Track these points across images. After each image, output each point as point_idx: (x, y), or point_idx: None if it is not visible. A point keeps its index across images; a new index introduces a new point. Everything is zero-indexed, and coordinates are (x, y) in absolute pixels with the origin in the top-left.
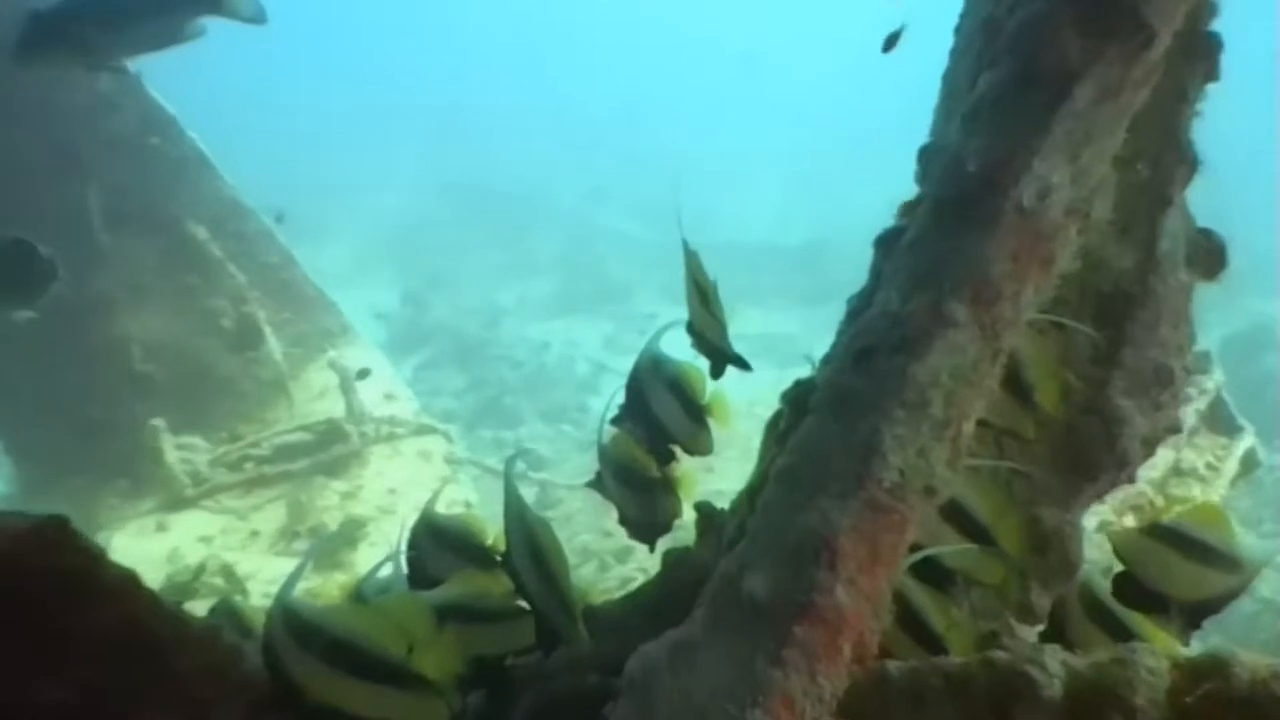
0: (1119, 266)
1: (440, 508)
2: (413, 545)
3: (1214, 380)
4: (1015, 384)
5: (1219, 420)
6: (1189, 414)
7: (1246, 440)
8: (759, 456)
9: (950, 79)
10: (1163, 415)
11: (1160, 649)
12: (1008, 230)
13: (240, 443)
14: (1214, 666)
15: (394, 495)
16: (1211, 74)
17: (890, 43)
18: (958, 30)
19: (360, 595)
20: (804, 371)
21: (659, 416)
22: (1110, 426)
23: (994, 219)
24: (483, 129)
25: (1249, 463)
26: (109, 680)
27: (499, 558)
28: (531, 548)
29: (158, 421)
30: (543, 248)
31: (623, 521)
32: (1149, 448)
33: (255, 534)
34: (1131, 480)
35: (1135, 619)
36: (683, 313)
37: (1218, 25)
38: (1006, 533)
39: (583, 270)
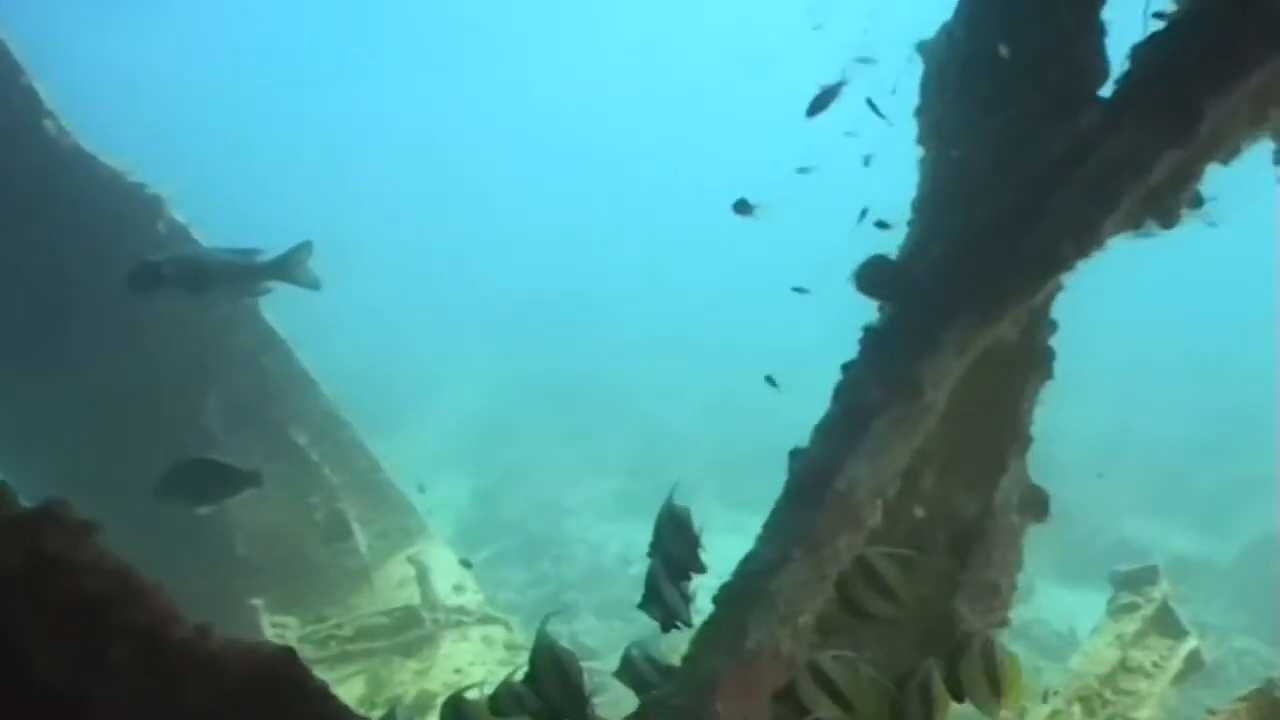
0: (966, 513)
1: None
2: None
3: (1160, 590)
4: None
5: (1167, 625)
6: (1137, 618)
7: (1190, 643)
8: None
9: None
10: (994, 616)
11: None
12: (828, 505)
13: (327, 623)
14: None
15: (460, 675)
16: (1048, 376)
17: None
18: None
19: None
20: None
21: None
22: (954, 622)
23: (820, 499)
24: (565, 324)
25: (1193, 662)
26: None
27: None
28: (557, 664)
29: (257, 601)
30: (611, 448)
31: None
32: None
33: None
34: None
35: None
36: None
37: None
38: (865, 697)
39: (646, 474)
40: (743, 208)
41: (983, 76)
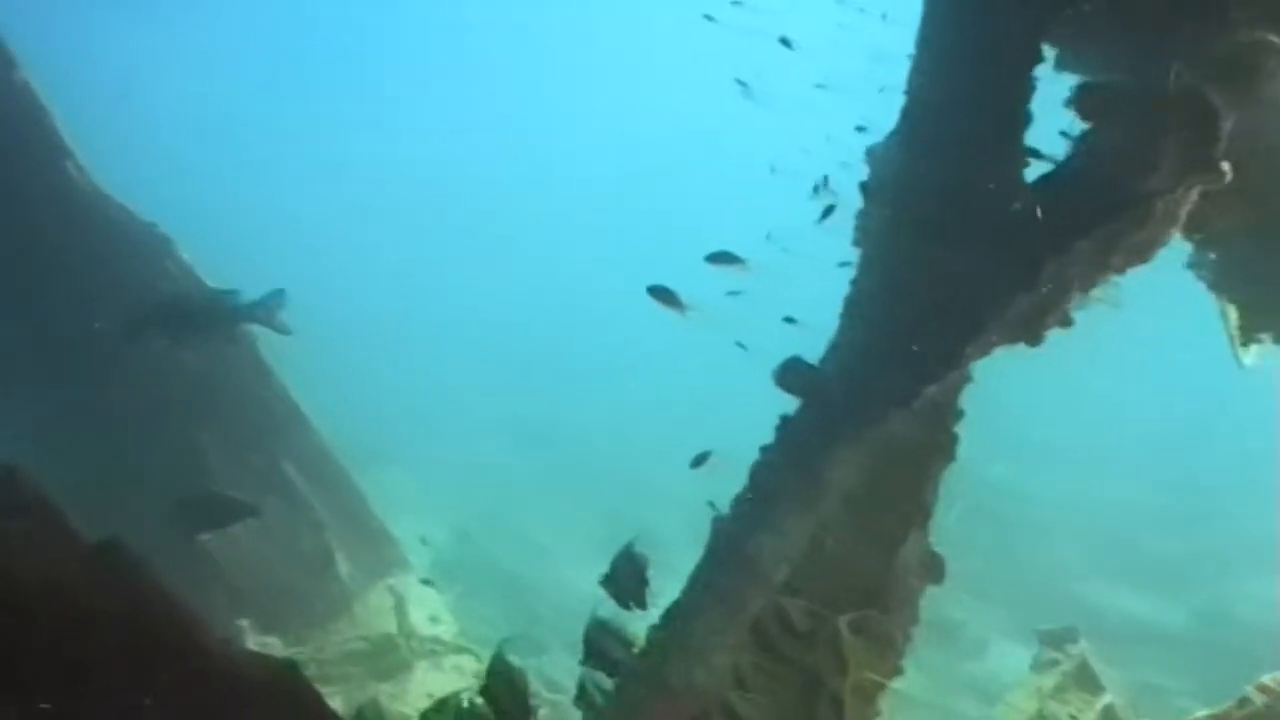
0: (870, 572)
1: None
2: None
3: (1079, 649)
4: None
5: (1085, 680)
6: (1057, 674)
7: (1106, 698)
8: None
9: None
10: (890, 664)
11: None
12: (738, 567)
13: (309, 646)
14: None
15: (430, 700)
16: (951, 459)
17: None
18: None
19: None
20: None
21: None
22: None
23: (733, 561)
24: (560, 369)
25: (1109, 716)
26: None
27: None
28: (508, 680)
29: (244, 622)
30: (592, 493)
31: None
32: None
33: None
34: None
35: None
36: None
37: None
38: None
39: (624, 520)
40: (721, 259)
41: (913, 199)
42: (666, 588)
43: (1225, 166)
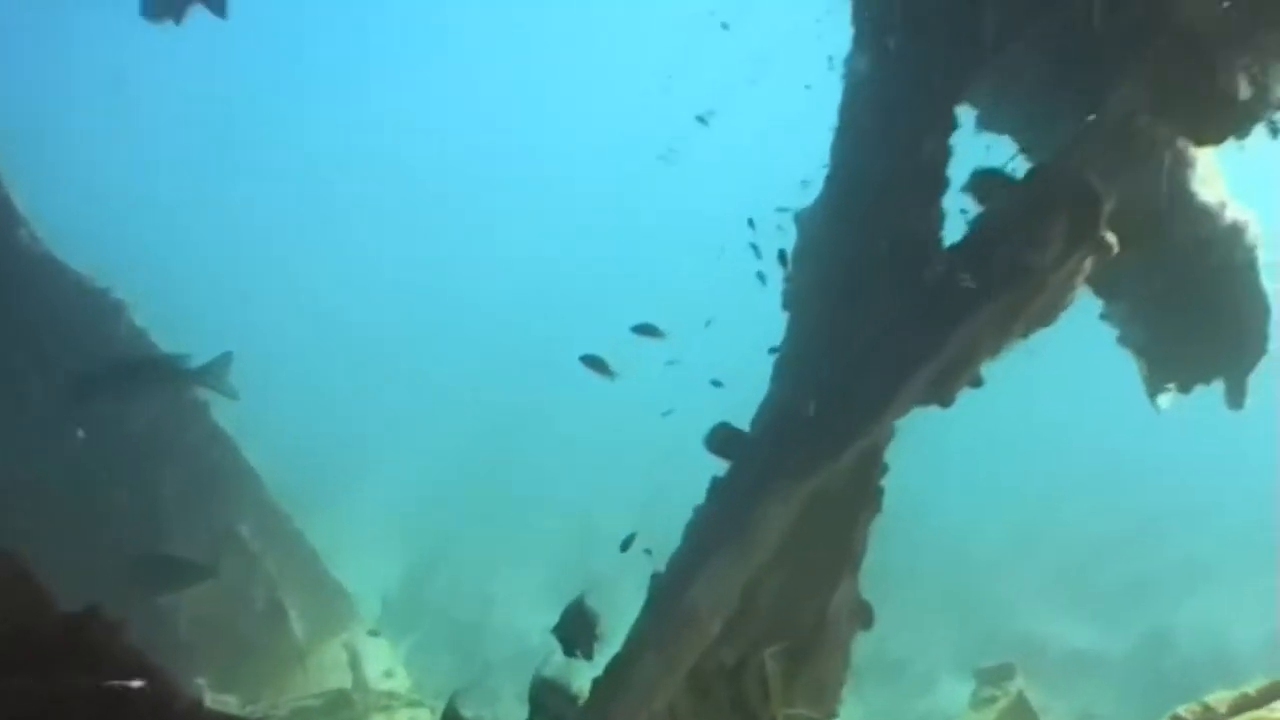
0: (803, 622)
1: None
2: None
3: (1016, 685)
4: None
5: (1022, 714)
6: (994, 710)
7: None
8: None
9: None
10: (825, 706)
11: None
12: (675, 619)
13: (263, 703)
14: None
15: None
16: (878, 510)
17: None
18: None
19: None
20: None
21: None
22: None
23: (670, 613)
24: (504, 418)
25: None
26: None
27: None
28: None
29: (201, 680)
30: (539, 539)
31: None
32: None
33: None
34: None
35: None
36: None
37: None
38: None
39: (572, 566)
40: (644, 330)
41: (834, 264)
42: (617, 628)
43: (1111, 239)
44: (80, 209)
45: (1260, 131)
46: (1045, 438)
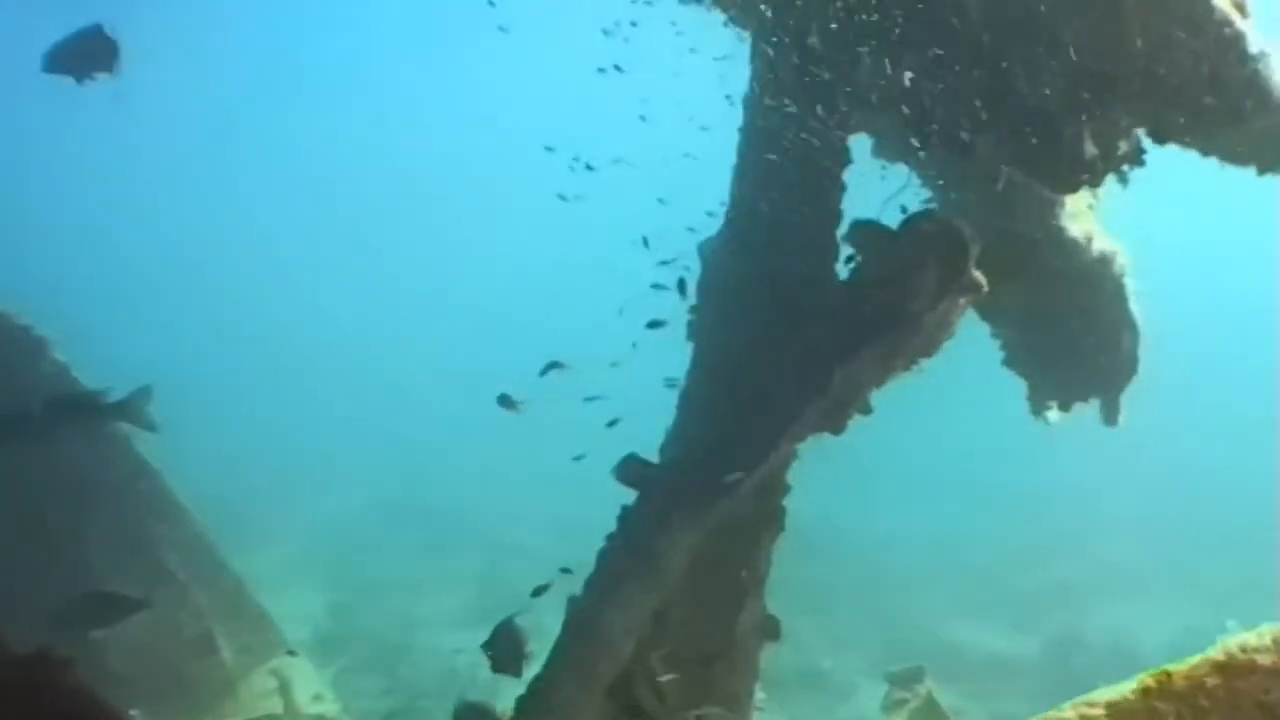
0: (713, 637)
1: None
2: None
3: (926, 687)
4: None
5: (932, 715)
6: (905, 712)
7: None
8: None
9: None
10: (738, 717)
11: None
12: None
13: None
14: None
15: None
16: (780, 530)
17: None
18: None
19: None
20: None
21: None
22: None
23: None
24: (417, 445)
25: None
26: None
27: None
28: None
29: (135, 712)
30: (461, 562)
31: None
32: None
33: None
34: None
35: None
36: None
37: None
38: None
39: (494, 586)
40: (506, 402)
41: (732, 297)
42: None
43: (980, 279)
44: None
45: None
46: (958, 451)
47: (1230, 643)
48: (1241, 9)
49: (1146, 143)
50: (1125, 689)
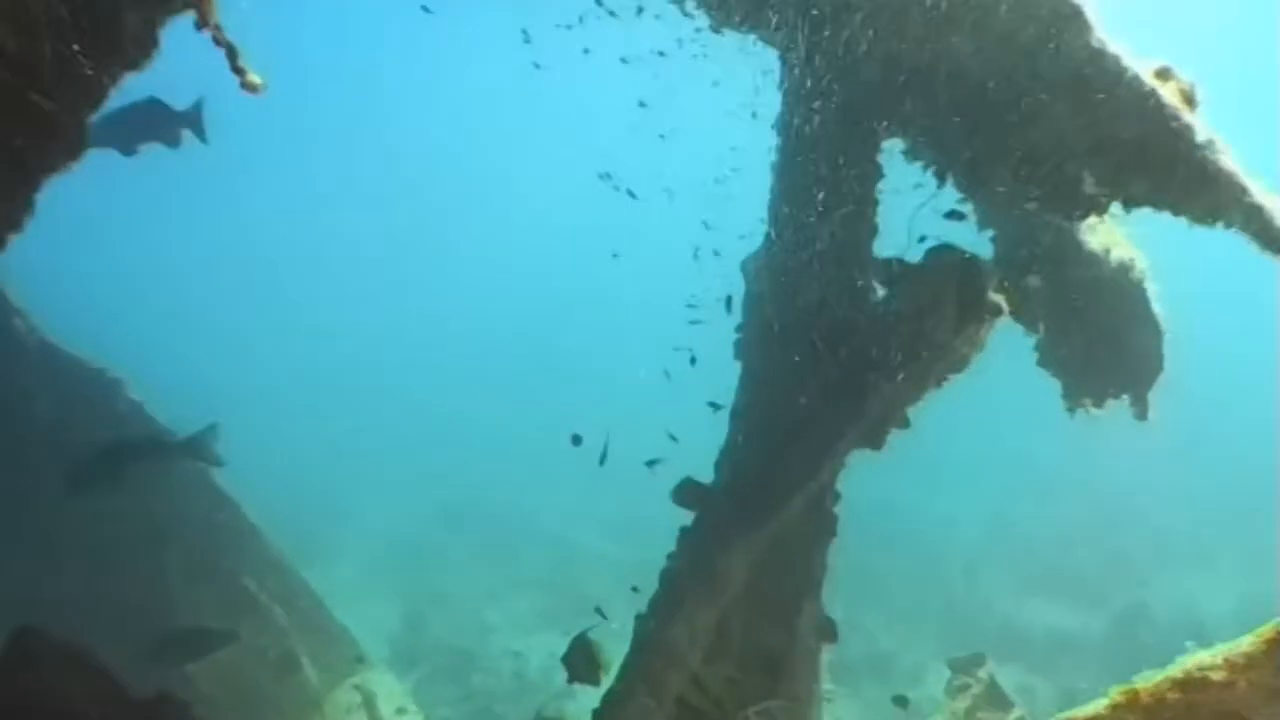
0: (772, 641)
1: None
2: None
3: (986, 671)
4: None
5: (994, 699)
6: (969, 696)
7: (1016, 712)
8: None
9: None
10: (801, 716)
11: None
12: (659, 654)
13: None
14: None
15: None
16: (834, 535)
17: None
18: None
19: None
20: None
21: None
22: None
23: (655, 649)
24: (478, 451)
25: None
26: None
27: None
28: None
29: None
30: (527, 566)
31: None
32: None
33: None
34: None
35: None
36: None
37: None
38: None
39: (561, 589)
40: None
41: (776, 315)
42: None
43: (1000, 304)
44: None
45: None
46: (1008, 429)
47: (1188, 662)
48: (1191, 101)
49: None
50: (1099, 705)
